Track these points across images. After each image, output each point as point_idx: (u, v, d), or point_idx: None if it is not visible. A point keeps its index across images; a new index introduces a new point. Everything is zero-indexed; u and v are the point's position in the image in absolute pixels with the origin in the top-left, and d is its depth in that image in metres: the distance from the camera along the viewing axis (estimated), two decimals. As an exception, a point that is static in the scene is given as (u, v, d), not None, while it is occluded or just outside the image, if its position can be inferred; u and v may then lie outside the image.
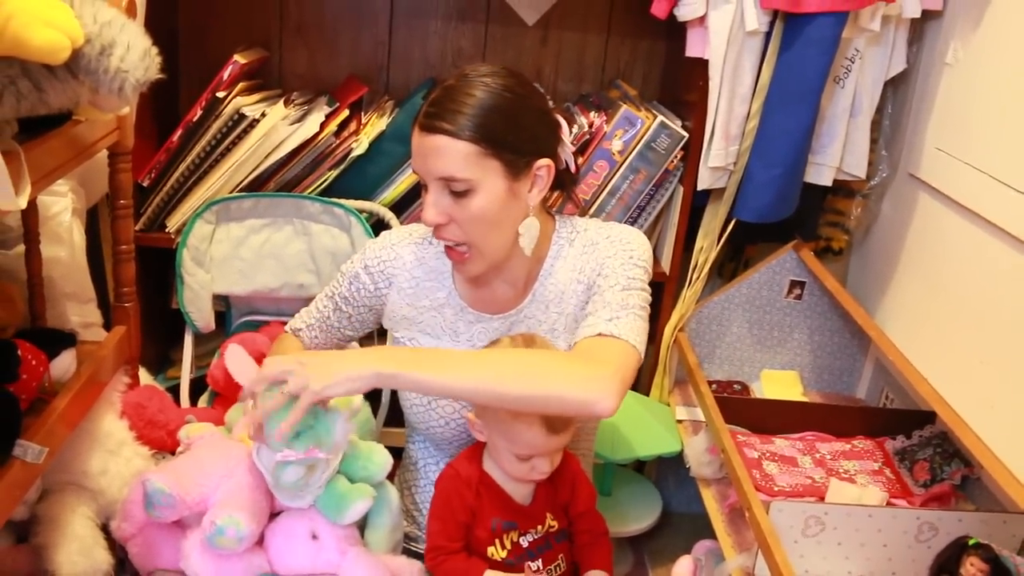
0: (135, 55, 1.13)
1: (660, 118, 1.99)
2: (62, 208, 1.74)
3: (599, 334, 1.35)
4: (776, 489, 1.71)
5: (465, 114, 1.31)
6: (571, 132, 2.01)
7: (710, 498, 1.82)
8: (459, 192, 1.34)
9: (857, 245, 2.32)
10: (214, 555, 1.31)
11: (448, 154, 1.32)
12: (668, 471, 2.34)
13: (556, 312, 1.50)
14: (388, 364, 1.23)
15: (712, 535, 1.81)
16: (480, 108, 1.32)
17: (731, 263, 2.38)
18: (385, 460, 1.41)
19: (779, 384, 2.22)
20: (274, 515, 1.37)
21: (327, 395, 1.22)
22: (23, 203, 1.05)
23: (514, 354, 1.35)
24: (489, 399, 1.28)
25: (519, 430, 1.35)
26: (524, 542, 1.45)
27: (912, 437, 1.88)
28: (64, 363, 1.47)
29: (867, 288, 2.20)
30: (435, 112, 1.33)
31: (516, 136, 1.35)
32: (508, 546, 1.44)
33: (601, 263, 1.45)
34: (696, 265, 2.12)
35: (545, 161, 1.40)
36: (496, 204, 1.36)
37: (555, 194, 1.57)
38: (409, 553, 1.61)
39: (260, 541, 1.36)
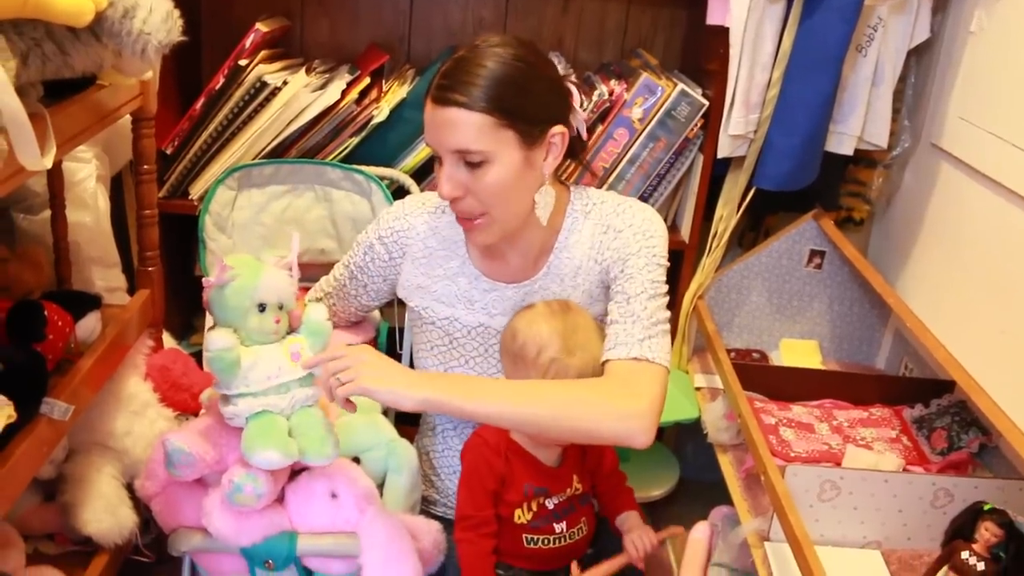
0: (157, 17, 1.15)
1: (680, 86, 1.99)
2: (87, 174, 1.77)
3: (634, 358, 1.36)
4: (792, 455, 1.71)
5: (478, 85, 1.30)
6: (591, 100, 2.01)
7: (727, 463, 1.83)
8: (474, 164, 1.34)
9: (878, 216, 2.29)
10: (235, 512, 1.33)
11: (462, 126, 1.31)
12: (686, 438, 2.35)
13: (571, 287, 1.50)
14: (438, 391, 1.28)
15: (729, 502, 1.81)
16: (492, 79, 1.31)
17: (751, 232, 2.37)
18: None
19: (798, 353, 2.21)
20: (294, 474, 1.40)
21: (369, 394, 1.27)
22: (48, 163, 1.07)
23: (556, 387, 1.35)
24: (531, 430, 1.36)
25: None
26: (550, 504, 1.46)
27: (930, 406, 1.87)
28: (89, 324, 1.50)
29: (888, 259, 2.18)
30: (447, 84, 1.33)
31: (529, 105, 1.35)
32: (534, 508, 1.45)
33: (624, 259, 1.44)
34: (716, 233, 2.12)
35: (559, 128, 1.39)
36: (512, 174, 1.35)
37: (567, 163, 1.57)
38: (428, 516, 1.61)
39: (280, 499, 1.38)
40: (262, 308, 1.33)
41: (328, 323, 1.37)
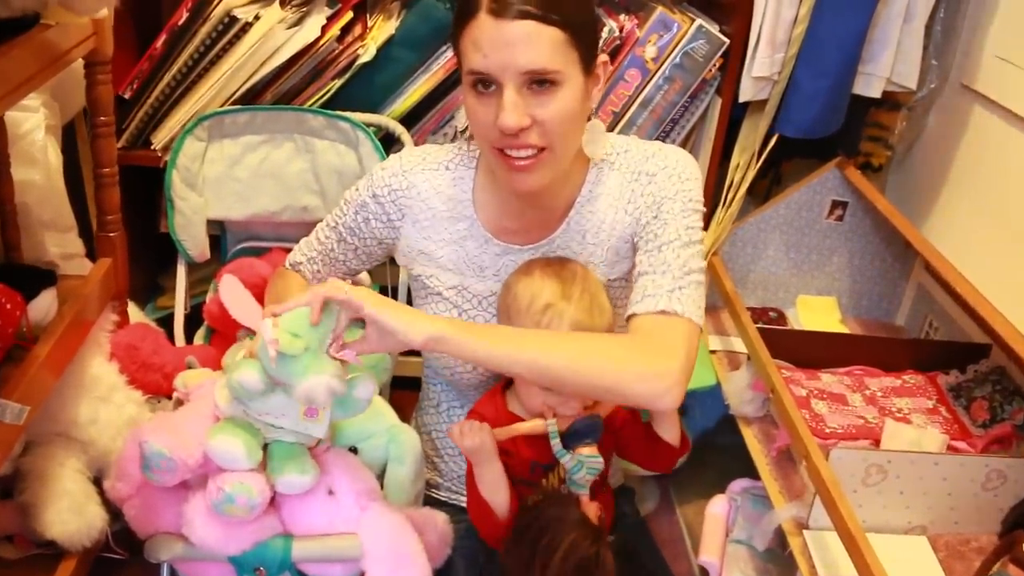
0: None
1: (699, 22, 1.81)
2: (34, 125, 1.57)
3: (662, 311, 1.21)
4: (827, 431, 1.58)
5: None
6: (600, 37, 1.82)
7: (751, 438, 1.70)
8: (545, 87, 1.17)
9: (898, 162, 2.16)
10: (221, 521, 1.18)
11: (537, 42, 1.14)
12: (694, 400, 2.22)
13: (593, 243, 1.35)
14: (450, 328, 1.16)
15: (745, 470, 1.71)
16: None
17: (763, 180, 2.21)
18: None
19: (816, 310, 2.09)
20: (287, 473, 1.24)
21: (375, 320, 1.13)
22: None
23: (576, 338, 1.22)
24: (545, 380, 1.21)
25: None
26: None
27: (967, 372, 1.76)
28: (43, 304, 1.34)
29: (908, 207, 2.06)
30: None
31: (591, 23, 1.22)
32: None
33: (658, 203, 1.30)
34: (732, 184, 1.96)
35: (604, 57, 1.25)
36: (577, 101, 1.20)
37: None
38: (431, 502, 1.50)
39: (272, 500, 1.22)
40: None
41: (368, 403, 1.20)
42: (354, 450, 1.37)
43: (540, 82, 1.17)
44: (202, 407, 1.28)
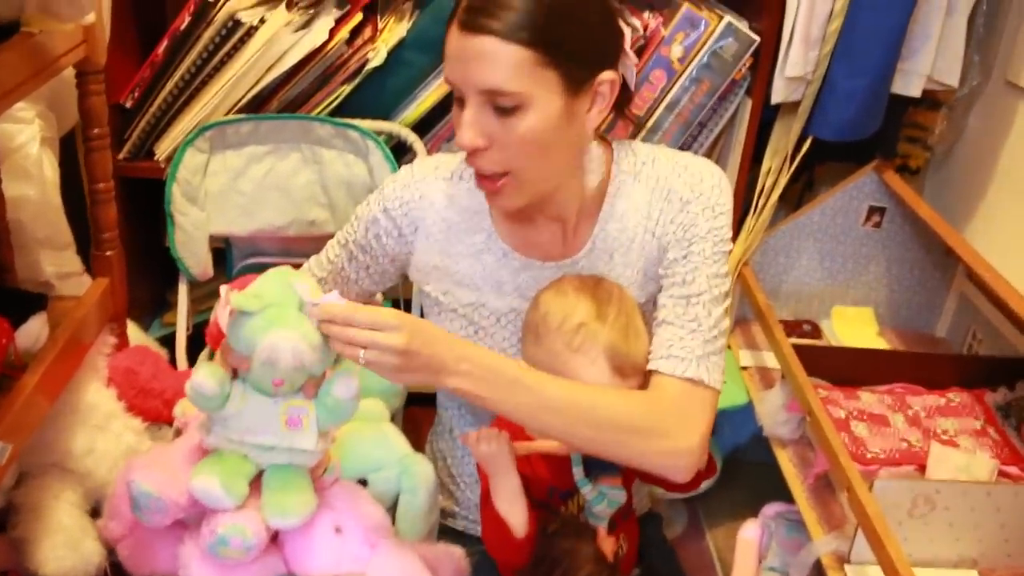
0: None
1: (727, 19, 1.71)
2: (28, 138, 1.49)
3: (690, 379, 1.17)
4: (869, 456, 1.49)
5: (518, 10, 1.06)
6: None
7: (786, 462, 1.60)
8: (505, 109, 1.10)
9: (936, 164, 2.06)
10: (218, 564, 1.11)
11: (496, 60, 1.07)
12: (724, 419, 2.13)
13: (622, 263, 1.27)
14: (469, 382, 1.11)
15: (778, 491, 1.61)
16: (537, 3, 1.06)
17: (795, 184, 2.11)
18: None
19: (852, 322, 2.00)
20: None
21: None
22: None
23: (603, 402, 1.15)
24: (562, 443, 1.20)
25: (577, 366, 1.17)
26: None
27: (1016, 389, 1.65)
28: (32, 331, 1.26)
29: (947, 211, 1.96)
30: (481, 7, 1.07)
31: (579, 41, 1.10)
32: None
33: (689, 240, 1.22)
34: (762, 190, 1.86)
35: (609, 75, 1.14)
36: (549, 126, 1.11)
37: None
38: (446, 531, 1.44)
39: (274, 538, 1.16)
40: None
41: (354, 404, 1.10)
42: (363, 482, 1.29)
43: (501, 103, 1.09)
44: (196, 441, 1.21)
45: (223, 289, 1.06)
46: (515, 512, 1.18)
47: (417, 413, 1.65)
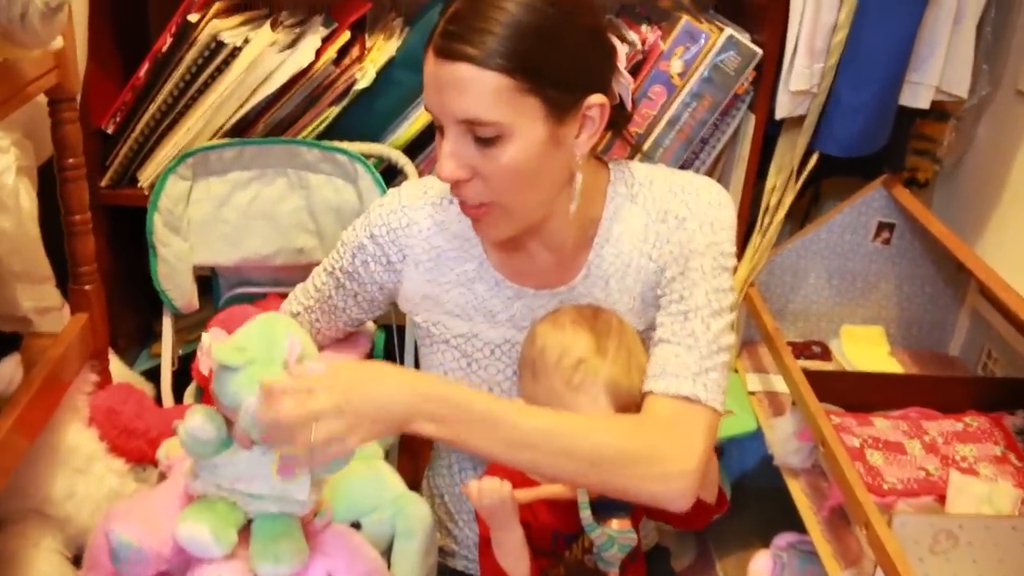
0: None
1: (728, 31, 1.65)
2: (4, 167, 1.42)
3: (685, 397, 1.08)
4: (886, 487, 1.42)
5: (495, 34, 1.00)
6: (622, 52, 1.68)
7: (799, 492, 1.54)
8: (486, 139, 1.04)
9: (944, 176, 2.01)
10: (203, 620, 1.05)
11: (473, 89, 1.01)
12: (732, 445, 2.07)
13: (619, 289, 1.21)
14: (430, 421, 1.01)
15: (788, 517, 1.56)
16: (515, 27, 1.01)
17: (801, 199, 2.06)
18: None
19: (862, 341, 1.94)
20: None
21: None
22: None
23: (589, 432, 1.06)
24: (549, 479, 1.12)
25: (578, 405, 1.10)
26: (587, 559, 1.16)
27: (1035, 412, 1.59)
28: (5, 373, 1.21)
29: (956, 225, 1.91)
30: (455, 32, 1.02)
31: (562, 65, 1.04)
32: (568, 562, 1.17)
33: (687, 256, 1.15)
34: (767, 207, 1.81)
35: (598, 98, 1.08)
36: (533, 155, 1.06)
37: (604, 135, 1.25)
38: (446, 572, 1.39)
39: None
40: None
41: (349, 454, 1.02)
42: (356, 525, 1.23)
43: (481, 133, 1.04)
44: (181, 483, 1.15)
45: (205, 337, 1.01)
46: (519, 567, 1.12)
47: (415, 443, 1.59)
